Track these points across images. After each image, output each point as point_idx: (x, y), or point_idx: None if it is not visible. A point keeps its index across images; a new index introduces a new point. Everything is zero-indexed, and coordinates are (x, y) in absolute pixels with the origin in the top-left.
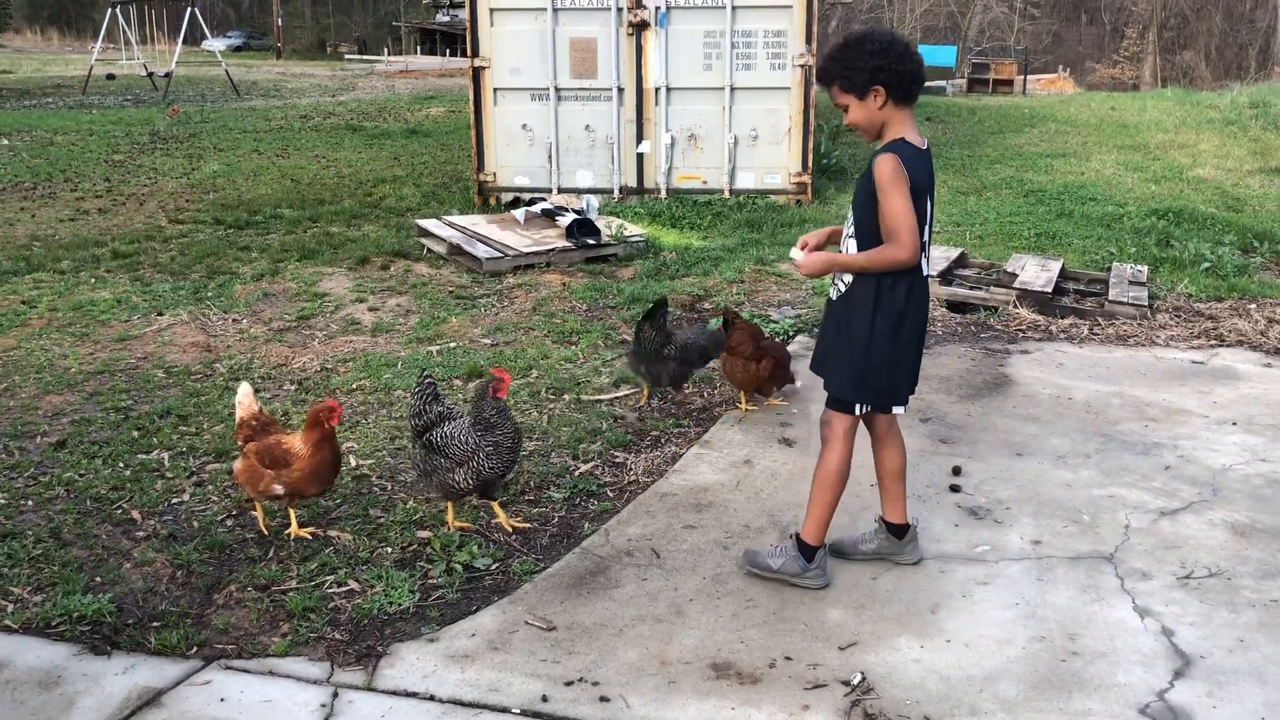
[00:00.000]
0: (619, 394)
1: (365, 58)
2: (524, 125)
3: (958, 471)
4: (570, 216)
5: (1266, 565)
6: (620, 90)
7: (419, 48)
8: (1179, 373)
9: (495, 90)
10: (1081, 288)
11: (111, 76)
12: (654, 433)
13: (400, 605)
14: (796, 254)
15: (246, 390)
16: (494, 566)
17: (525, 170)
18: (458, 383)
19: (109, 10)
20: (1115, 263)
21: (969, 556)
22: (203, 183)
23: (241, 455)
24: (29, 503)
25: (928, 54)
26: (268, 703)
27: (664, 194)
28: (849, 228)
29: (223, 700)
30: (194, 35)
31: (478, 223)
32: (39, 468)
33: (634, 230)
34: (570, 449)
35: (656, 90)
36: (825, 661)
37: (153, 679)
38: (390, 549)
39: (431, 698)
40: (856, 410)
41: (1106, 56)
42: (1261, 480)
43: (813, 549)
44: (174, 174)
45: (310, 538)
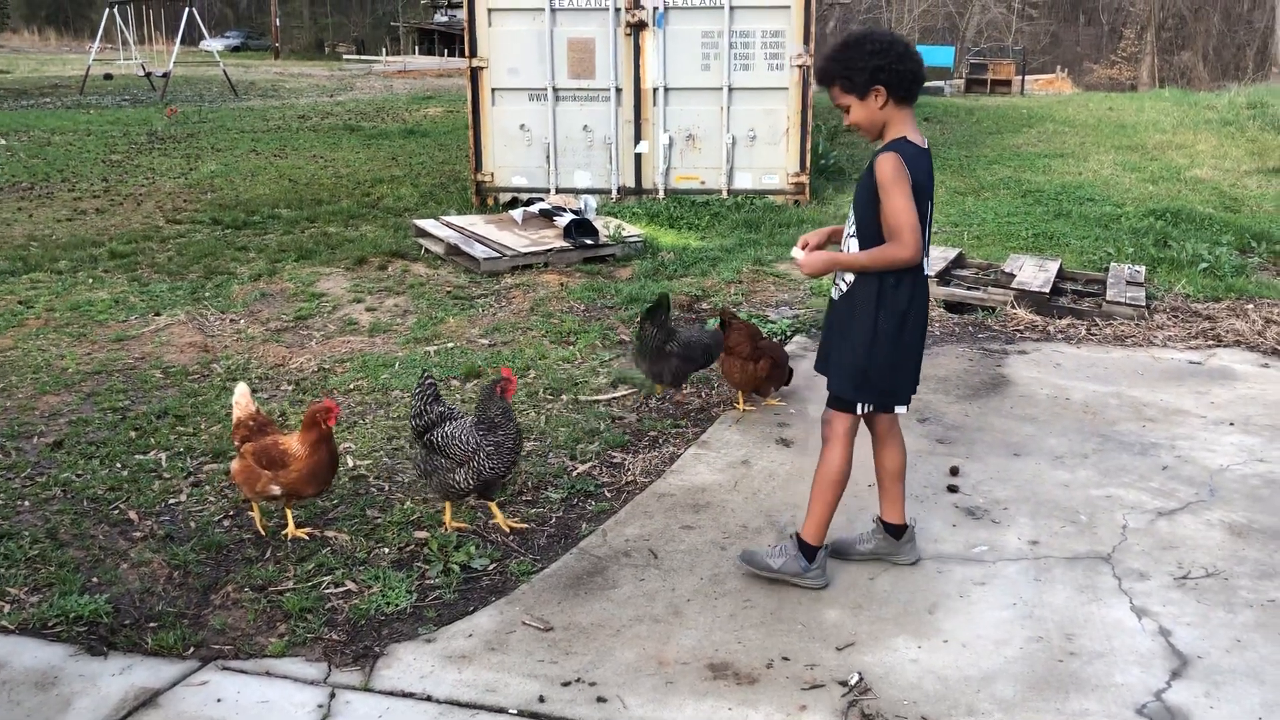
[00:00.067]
0: (617, 394)
1: (363, 58)
2: (522, 125)
3: (955, 472)
4: (568, 217)
5: (1263, 565)
6: (618, 90)
7: (417, 48)
8: (1176, 373)
9: (493, 90)
10: (1079, 288)
11: (109, 76)
12: (652, 433)
13: (397, 606)
14: (798, 253)
15: (244, 390)
16: (491, 567)
17: (523, 170)
18: (455, 383)
19: (107, 10)
20: (1113, 263)
21: (966, 557)
22: (200, 183)
23: (239, 456)
24: (26, 503)
25: (926, 54)
26: (265, 703)
27: (662, 194)
28: (850, 227)
29: (220, 701)
30: (192, 35)
31: (475, 223)
32: (36, 468)
33: (632, 230)
34: (568, 449)
35: (654, 90)
36: (823, 662)
37: (149, 679)
38: (387, 549)
39: (428, 698)
40: (858, 410)
41: (1104, 57)
42: (1259, 480)
43: (813, 549)
44: (171, 174)
45: (307, 538)
